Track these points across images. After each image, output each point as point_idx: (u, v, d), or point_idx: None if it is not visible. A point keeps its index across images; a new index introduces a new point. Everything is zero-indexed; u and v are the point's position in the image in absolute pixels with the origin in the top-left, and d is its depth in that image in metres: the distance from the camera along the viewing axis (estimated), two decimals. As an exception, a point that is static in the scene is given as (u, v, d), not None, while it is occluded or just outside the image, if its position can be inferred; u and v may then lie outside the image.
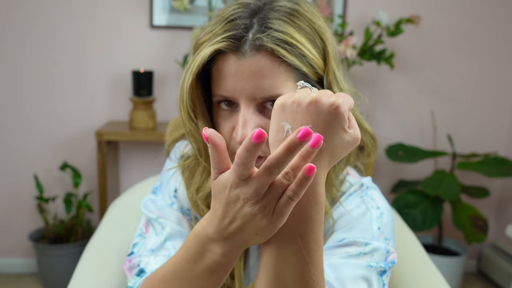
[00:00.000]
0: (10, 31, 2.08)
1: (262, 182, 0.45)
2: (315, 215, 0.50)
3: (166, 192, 0.75)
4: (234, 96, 0.62)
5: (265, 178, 0.45)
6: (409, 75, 2.27)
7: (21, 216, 2.24)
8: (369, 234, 0.67)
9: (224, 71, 0.62)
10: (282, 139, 0.49)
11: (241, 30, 0.60)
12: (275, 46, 0.59)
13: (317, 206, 0.50)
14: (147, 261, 0.68)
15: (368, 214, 0.69)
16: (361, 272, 0.64)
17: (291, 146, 0.43)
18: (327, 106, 0.47)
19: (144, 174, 2.18)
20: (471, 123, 2.34)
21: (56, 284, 2.06)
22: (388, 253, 0.67)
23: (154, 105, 2.12)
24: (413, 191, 2.09)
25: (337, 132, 0.48)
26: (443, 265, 2.02)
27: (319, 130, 0.47)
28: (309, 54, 0.62)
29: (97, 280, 0.94)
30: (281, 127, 0.49)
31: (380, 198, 0.73)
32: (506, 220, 2.36)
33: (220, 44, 0.60)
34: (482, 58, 2.28)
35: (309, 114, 0.47)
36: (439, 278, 0.95)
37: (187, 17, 2.11)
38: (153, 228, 0.73)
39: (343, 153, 0.50)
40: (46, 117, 2.17)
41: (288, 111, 0.49)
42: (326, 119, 0.47)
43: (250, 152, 0.43)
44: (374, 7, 2.14)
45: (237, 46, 0.60)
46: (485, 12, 2.24)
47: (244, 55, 0.60)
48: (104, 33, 2.12)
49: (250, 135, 0.43)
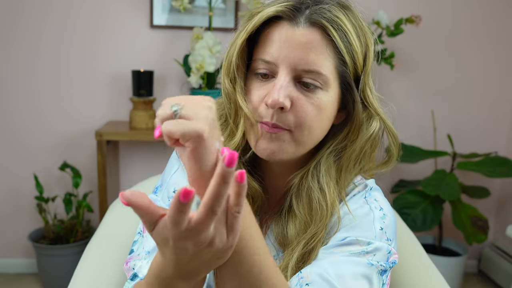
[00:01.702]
0: (10, 33, 2.08)
1: (207, 225, 0.43)
2: (260, 256, 0.53)
3: (165, 192, 0.75)
4: (276, 62, 0.64)
5: (209, 220, 0.42)
6: (409, 75, 2.27)
7: (21, 216, 2.24)
8: (371, 233, 0.68)
9: (274, 37, 0.65)
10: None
11: (301, 4, 0.65)
12: (328, 24, 0.63)
13: (253, 247, 0.52)
14: (140, 265, 0.68)
15: (371, 215, 0.70)
16: (361, 270, 0.64)
17: (224, 176, 0.40)
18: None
19: (144, 174, 2.18)
20: (471, 123, 2.34)
21: (56, 284, 2.06)
22: (390, 254, 0.68)
23: (154, 105, 2.12)
24: (413, 191, 2.09)
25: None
26: (443, 265, 2.02)
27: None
28: (354, 46, 0.66)
29: (98, 280, 0.94)
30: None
31: (383, 200, 0.74)
32: (506, 220, 2.36)
33: (280, 8, 0.64)
34: (482, 58, 2.28)
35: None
36: (439, 278, 0.95)
37: (187, 17, 2.11)
38: None
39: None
40: (46, 117, 2.16)
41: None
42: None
43: (181, 212, 0.41)
44: (374, 7, 2.14)
45: (294, 15, 0.64)
46: (485, 12, 2.24)
47: (298, 25, 0.64)
48: (104, 33, 2.12)
49: (177, 194, 0.39)
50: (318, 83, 0.64)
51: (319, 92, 0.65)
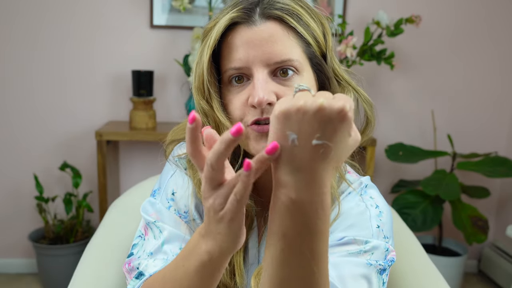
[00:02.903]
0: (10, 33, 2.08)
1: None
2: (322, 227, 0.48)
3: (164, 195, 0.76)
4: (247, 65, 0.65)
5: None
6: (409, 75, 2.27)
7: (21, 216, 2.24)
8: (368, 232, 0.68)
9: (237, 43, 0.66)
10: (287, 149, 0.46)
11: (250, 4, 0.67)
12: (283, 14, 0.66)
13: (325, 217, 0.48)
14: (146, 264, 0.68)
15: (367, 213, 0.70)
16: (361, 270, 0.64)
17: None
18: (336, 113, 0.43)
19: (144, 174, 2.18)
20: (471, 123, 2.34)
21: (56, 284, 2.06)
22: (388, 251, 0.68)
23: (154, 105, 2.12)
24: (413, 191, 2.09)
25: (344, 137, 0.45)
26: (443, 265, 2.02)
27: (327, 138, 0.44)
28: (312, 26, 0.67)
29: (98, 280, 0.94)
30: (285, 136, 0.45)
31: (379, 197, 0.74)
32: (506, 220, 2.36)
33: (233, 14, 0.66)
34: (482, 58, 2.28)
35: (317, 122, 0.44)
36: (439, 278, 0.95)
37: (187, 17, 2.11)
38: (152, 231, 0.73)
39: (345, 157, 0.48)
40: (46, 117, 2.16)
41: (294, 120, 0.45)
42: (335, 126, 0.44)
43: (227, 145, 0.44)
44: (374, 7, 2.14)
45: (248, 16, 0.66)
46: (485, 12, 2.23)
47: (255, 23, 0.66)
48: (104, 33, 2.12)
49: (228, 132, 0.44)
50: (293, 70, 0.66)
51: (296, 78, 0.66)
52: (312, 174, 0.45)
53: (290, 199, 0.46)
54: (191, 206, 0.74)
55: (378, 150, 2.26)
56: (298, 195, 0.46)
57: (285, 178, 0.46)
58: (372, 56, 1.99)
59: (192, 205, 0.74)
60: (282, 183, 0.46)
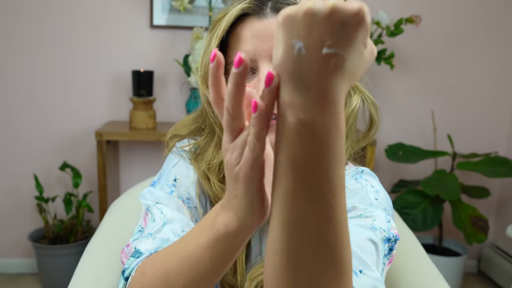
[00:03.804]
0: (11, 32, 2.08)
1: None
2: (337, 149, 0.40)
3: (165, 183, 0.73)
4: (254, 58, 0.64)
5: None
6: (409, 75, 2.27)
7: (21, 216, 2.24)
8: (367, 201, 0.67)
9: (246, 34, 0.65)
10: (292, 61, 0.38)
11: None
12: None
13: (340, 140, 0.41)
14: (144, 242, 0.64)
15: (364, 189, 0.70)
16: (365, 232, 0.61)
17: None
18: (352, 16, 0.36)
19: (144, 174, 2.18)
20: (471, 123, 2.34)
21: (56, 284, 2.06)
22: (390, 224, 0.65)
23: (154, 105, 2.12)
24: (413, 191, 2.09)
25: (359, 47, 0.38)
26: (443, 265, 2.02)
27: (340, 46, 0.37)
28: None
29: (98, 280, 0.94)
30: (290, 45, 0.38)
31: (376, 182, 0.73)
32: (506, 220, 2.36)
33: (245, 5, 0.65)
34: (482, 58, 2.28)
35: (329, 27, 0.36)
36: (439, 278, 0.95)
37: (187, 17, 2.11)
38: (152, 215, 0.69)
39: (361, 72, 0.41)
40: (46, 117, 2.16)
41: (301, 24, 0.37)
42: (350, 32, 0.36)
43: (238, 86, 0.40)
44: (374, 7, 2.14)
45: (260, 8, 0.65)
46: (485, 12, 2.23)
47: (266, 16, 0.65)
48: (104, 33, 2.12)
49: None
50: None
51: None
52: (323, 90, 0.38)
53: (299, 120, 0.39)
54: (194, 195, 0.72)
55: (378, 150, 2.26)
56: (308, 116, 0.38)
57: (291, 97, 0.39)
58: (372, 56, 1.99)
59: (196, 195, 0.72)
60: (288, 103, 0.39)
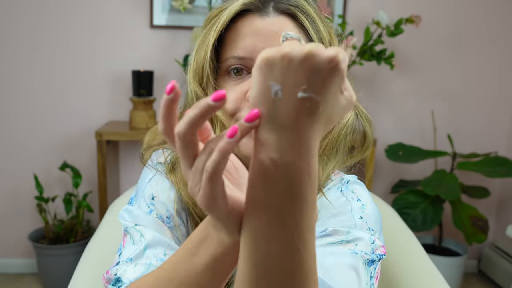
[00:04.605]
0: (10, 32, 2.08)
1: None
2: (308, 196, 0.40)
3: (142, 200, 0.69)
4: (251, 56, 0.62)
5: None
6: (409, 75, 2.27)
7: (21, 216, 2.24)
8: (351, 223, 0.63)
9: (245, 30, 0.63)
10: (269, 103, 0.38)
11: None
12: (297, 10, 0.63)
13: (311, 185, 0.40)
14: (125, 270, 0.60)
15: (348, 205, 0.66)
16: (346, 260, 0.59)
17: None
18: (326, 62, 0.37)
19: (144, 174, 2.18)
20: (471, 123, 2.34)
21: (56, 284, 2.06)
22: (375, 245, 0.63)
23: (154, 105, 2.12)
24: (413, 191, 2.09)
25: (334, 93, 0.38)
26: (443, 265, 2.02)
27: (315, 91, 0.37)
28: (322, 32, 0.65)
29: (98, 280, 0.94)
30: (267, 88, 0.39)
31: (363, 192, 0.70)
32: (506, 220, 2.36)
33: (247, 0, 0.63)
34: (483, 58, 2.28)
35: (304, 72, 0.37)
36: (439, 278, 0.95)
37: (187, 17, 2.11)
38: (131, 237, 0.66)
39: (338, 118, 0.41)
40: (46, 117, 2.16)
41: (277, 69, 0.38)
42: (323, 77, 0.37)
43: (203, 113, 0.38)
44: (374, 7, 2.14)
45: (262, 5, 0.63)
46: (485, 12, 2.24)
47: (268, 15, 0.63)
48: (104, 33, 2.12)
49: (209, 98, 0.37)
50: None
51: None
52: (297, 132, 0.38)
53: (272, 160, 0.38)
54: (173, 212, 0.68)
55: (378, 150, 2.26)
56: (280, 156, 0.38)
57: (266, 136, 0.38)
58: (372, 56, 1.99)
59: (174, 212, 0.68)
60: (262, 142, 0.39)
